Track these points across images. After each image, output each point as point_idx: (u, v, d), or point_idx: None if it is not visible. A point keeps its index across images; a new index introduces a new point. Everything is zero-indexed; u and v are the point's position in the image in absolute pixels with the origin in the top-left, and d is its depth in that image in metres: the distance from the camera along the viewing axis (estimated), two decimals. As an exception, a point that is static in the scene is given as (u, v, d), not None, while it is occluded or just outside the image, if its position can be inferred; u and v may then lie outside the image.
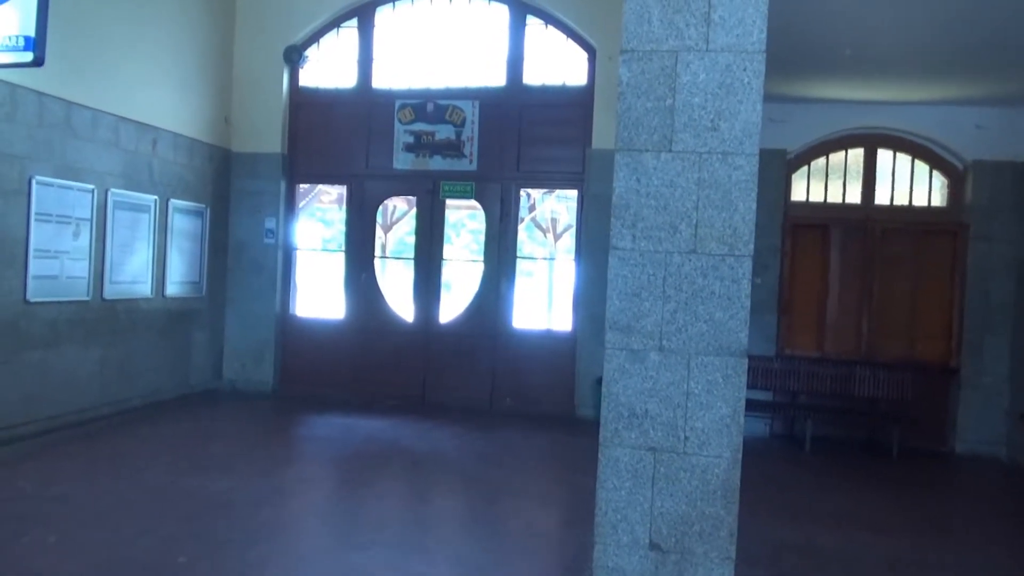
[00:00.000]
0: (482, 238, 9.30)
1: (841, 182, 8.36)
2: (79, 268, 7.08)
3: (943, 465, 7.62)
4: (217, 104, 9.08)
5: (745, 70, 2.91)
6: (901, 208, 8.25)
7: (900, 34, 5.92)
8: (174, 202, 8.34)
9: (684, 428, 2.95)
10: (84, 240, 7.13)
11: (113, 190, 7.43)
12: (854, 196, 8.32)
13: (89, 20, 7.01)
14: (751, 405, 6.55)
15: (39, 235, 6.58)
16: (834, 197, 8.37)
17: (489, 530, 5.03)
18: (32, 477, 5.57)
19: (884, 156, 8.29)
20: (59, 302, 6.86)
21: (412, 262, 9.38)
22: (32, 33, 5.15)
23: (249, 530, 4.66)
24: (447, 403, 8.82)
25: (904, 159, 8.26)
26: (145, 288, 8.00)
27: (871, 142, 8.27)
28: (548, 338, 9.17)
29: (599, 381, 4.03)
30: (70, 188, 6.91)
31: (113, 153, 7.46)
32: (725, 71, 2.92)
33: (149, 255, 8.02)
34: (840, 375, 8.00)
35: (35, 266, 6.54)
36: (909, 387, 7.82)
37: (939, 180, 8.28)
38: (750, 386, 4.56)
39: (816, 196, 8.40)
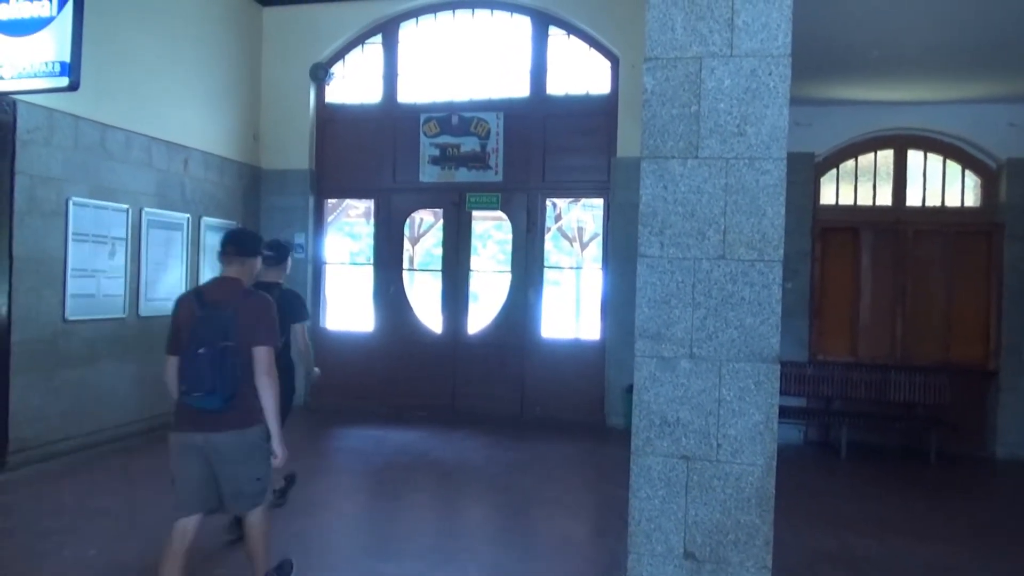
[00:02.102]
0: (509, 248, 9.32)
1: (871, 184, 8.25)
2: (115, 286, 7.23)
3: (983, 470, 7.45)
4: (246, 122, 9.24)
5: (771, 74, 2.90)
6: (933, 209, 8.11)
7: (927, 33, 5.85)
8: (206, 219, 8.48)
9: (717, 436, 2.92)
10: (120, 259, 7.28)
11: (147, 209, 7.59)
12: (884, 198, 8.20)
13: (121, 44, 7.18)
14: (784, 412, 6.51)
15: (76, 255, 6.73)
16: (864, 200, 8.25)
17: (520, 540, 5.02)
18: (72, 491, 5.69)
19: (915, 157, 8.16)
20: (96, 320, 7.00)
21: (440, 274, 9.43)
22: (67, 58, 5.29)
23: (282, 541, 4.70)
24: (476, 413, 8.83)
25: (935, 159, 8.13)
26: (179, 304, 8.13)
27: (901, 143, 8.15)
28: (577, 347, 9.15)
29: (629, 389, 4.02)
30: (105, 208, 7.06)
31: (146, 173, 7.62)
32: (750, 76, 2.91)
33: (183, 272, 8.16)
34: (875, 380, 7.87)
35: (73, 285, 6.69)
36: (946, 391, 7.67)
37: (972, 180, 8.13)
38: (783, 392, 4.53)
39: (846, 199, 8.29)
